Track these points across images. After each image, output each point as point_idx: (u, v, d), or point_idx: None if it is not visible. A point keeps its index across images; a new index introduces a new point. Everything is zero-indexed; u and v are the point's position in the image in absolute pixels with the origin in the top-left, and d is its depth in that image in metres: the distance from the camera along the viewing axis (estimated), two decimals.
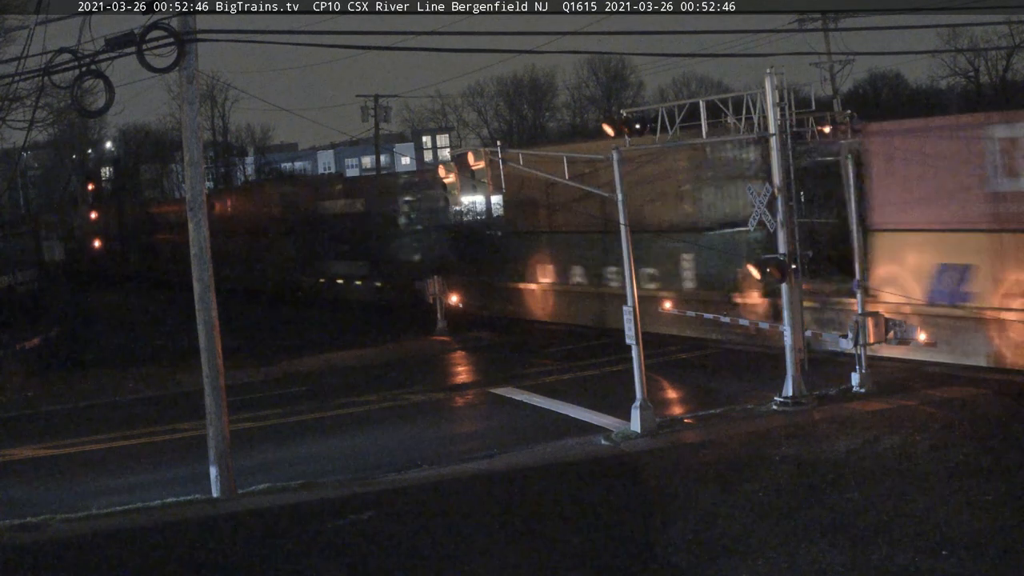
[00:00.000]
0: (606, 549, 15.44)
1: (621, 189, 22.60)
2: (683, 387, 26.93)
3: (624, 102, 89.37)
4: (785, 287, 23.18)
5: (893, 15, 61.42)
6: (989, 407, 21.79)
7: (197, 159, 19.49)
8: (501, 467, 20.39)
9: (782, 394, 23.06)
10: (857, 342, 23.76)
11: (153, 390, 31.83)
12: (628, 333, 22.17)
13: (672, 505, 17.11)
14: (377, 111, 69.21)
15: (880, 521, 15.42)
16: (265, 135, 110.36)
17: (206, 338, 19.33)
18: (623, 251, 22.40)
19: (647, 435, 21.65)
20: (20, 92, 30.20)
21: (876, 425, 20.76)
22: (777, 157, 23.12)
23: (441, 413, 26.63)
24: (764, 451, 19.66)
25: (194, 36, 18.67)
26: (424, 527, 17.11)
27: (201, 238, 19.27)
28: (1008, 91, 69.10)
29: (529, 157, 28.27)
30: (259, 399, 28.84)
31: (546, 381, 28.60)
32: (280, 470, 21.11)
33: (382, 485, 19.67)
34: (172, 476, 21.36)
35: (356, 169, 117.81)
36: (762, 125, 23.50)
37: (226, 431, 19.45)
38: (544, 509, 17.59)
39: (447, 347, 36.26)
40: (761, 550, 14.74)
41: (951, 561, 13.86)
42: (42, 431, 26.96)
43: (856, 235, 24.75)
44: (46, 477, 22.49)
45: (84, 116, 60.21)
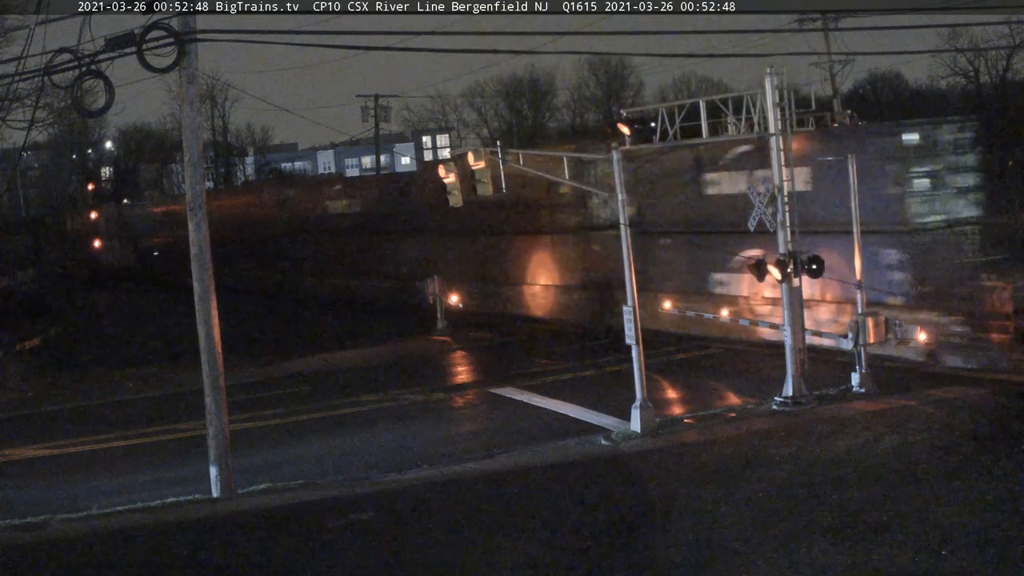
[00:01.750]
0: (606, 549, 15.43)
1: (622, 189, 22.61)
2: (683, 387, 26.94)
3: (624, 102, 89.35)
4: (785, 287, 23.18)
5: (893, 15, 61.45)
6: (989, 407, 21.79)
7: (197, 159, 19.49)
8: (501, 467, 20.39)
9: (782, 394, 23.07)
10: (857, 342, 23.77)
11: (153, 390, 31.84)
12: (628, 333, 22.16)
13: (672, 505, 17.10)
14: (377, 111, 69.23)
15: (880, 521, 15.41)
16: (265, 135, 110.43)
17: (206, 338, 19.33)
18: (623, 251, 22.41)
19: (647, 435, 21.65)
20: (20, 92, 30.27)
21: (876, 425, 20.76)
22: (777, 157, 23.11)
23: (441, 413, 26.62)
24: (764, 451, 19.66)
25: (194, 36, 18.67)
26: (424, 527, 17.10)
27: (201, 238, 19.27)
28: (1008, 91, 69.04)
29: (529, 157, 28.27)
30: (259, 399, 28.84)
31: (546, 381, 28.60)
32: (280, 470, 21.11)
33: (382, 485, 19.67)
34: (172, 476, 21.36)
35: (356, 169, 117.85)
36: (762, 125, 23.50)
37: (226, 431, 19.45)
38: (544, 509, 17.58)
39: (447, 347, 36.27)
40: (761, 550, 14.74)
41: (951, 561, 13.86)
42: (42, 431, 26.96)
43: (856, 236, 24.69)
44: (46, 477, 22.48)
45: (84, 116, 60.23)
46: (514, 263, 41.67)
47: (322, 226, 55.18)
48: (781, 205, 22.99)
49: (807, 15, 47.38)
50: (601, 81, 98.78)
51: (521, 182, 30.23)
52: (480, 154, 25.35)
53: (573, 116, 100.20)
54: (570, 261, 38.82)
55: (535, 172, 26.81)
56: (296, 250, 57.69)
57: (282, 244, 58.73)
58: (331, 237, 54.46)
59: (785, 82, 23.30)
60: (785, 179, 23.06)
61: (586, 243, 37.49)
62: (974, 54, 71.46)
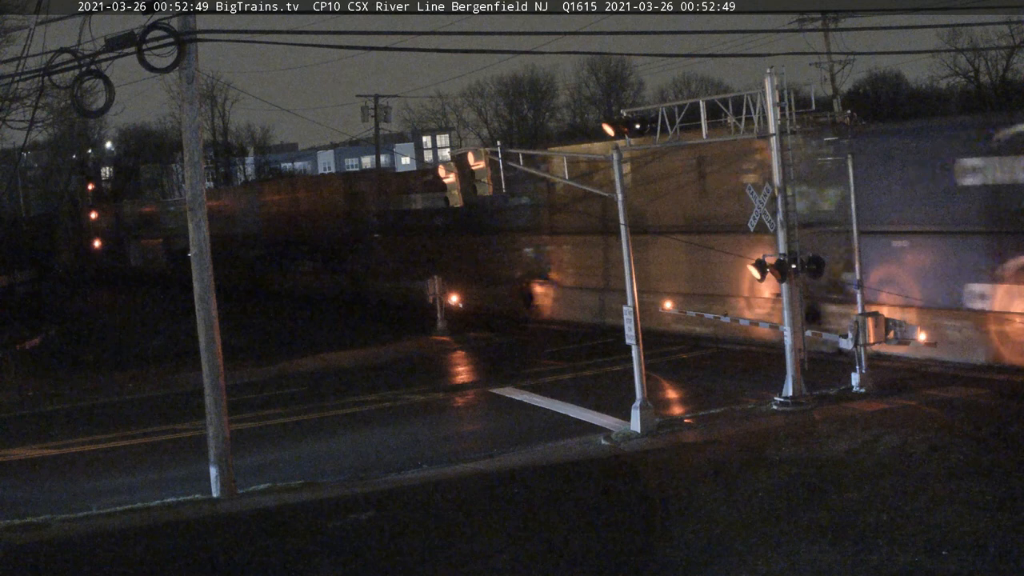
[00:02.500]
0: (606, 549, 15.43)
1: (621, 189, 22.60)
2: (684, 387, 26.94)
3: (624, 102, 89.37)
4: (785, 287, 23.18)
5: (893, 15, 61.57)
6: (989, 407, 21.79)
7: (197, 159, 19.49)
8: (501, 467, 20.38)
9: (782, 394, 23.06)
10: (857, 342, 23.77)
11: (153, 390, 31.84)
12: (628, 333, 22.16)
13: (672, 505, 17.11)
14: (377, 111, 69.22)
15: (880, 521, 15.41)
16: (265, 135, 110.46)
17: (206, 338, 19.33)
18: (623, 251, 22.40)
19: (647, 435, 21.65)
20: (20, 92, 30.23)
21: (876, 425, 20.76)
22: (777, 157, 23.11)
23: (441, 413, 26.62)
24: (764, 451, 19.66)
25: (194, 36, 18.67)
26: (424, 527, 17.09)
27: (201, 238, 19.28)
28: (1008, 91, 69.07)
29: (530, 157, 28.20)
30: (259, 399, 28.84)
31: (546, 381, 28.60)
32: (280, 470, 21.11)
33: (382, 485, 19.67)
34: (172, 476, 21.36)
35: (356, 169, 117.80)
36: (762, 125, 23.48)
37: (226, 431, 19.45)
38: (544, 509, 17.58)
39: (447, 347, 36.26)
40: (761, 550, 14.74)
41: (951, 561, 13.85)
42: (42, 431, 26.95)
43: (855, 236, 24.68)
44: (46, 477, 22.49)
45: (84, 116, 60.21)
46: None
47: (400, 224, 49.55)
48: (781, 205, 23.00)
49: (807, 15, 47.44)
50: (601, 81, 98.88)
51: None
52: (480, 154, 25.33)
53: (573, 116, 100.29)
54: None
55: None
56: (367, 250, 51.91)
57: (349, 244, 52.89)
58: (415, 236, 48.35)
59: (785, 82, 23.31)
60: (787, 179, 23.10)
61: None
62: (974, 54, 71.56)
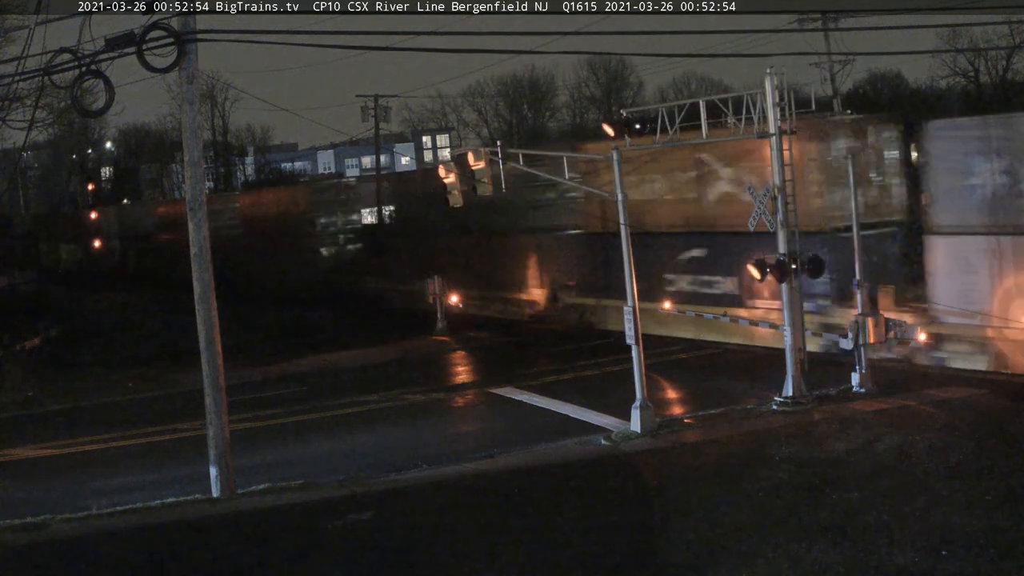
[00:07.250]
0: (606, 549, 15.43)
1: (621, 189, 22.60)
2: (684, 387, 26.93)
3: (624, 102, 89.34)
4: (785, 287, 23.17)
5: (893, 15, 61.44)
6: (989, 407, 21.79)
7: (197, 159, 19.49)
8: (501, 467, 20.38)
9: (782, 394, 23.05)
10: (857, 342, 23.76)
11: (153, 390, 31.84)
12: (628, 333, 22.16)
13: (672, 505, 17.11)
14: (377, 111, 69.12)
15: (880, 521, 15.41)
16: (265, 135, 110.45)
17: (206, 338, 19.33)
18: (623, 251, 22.40)
19: (647, 435, 21.64)
20: (20, 92, 30.26)
21: (876, 425, 20.76)
22: (777, 157, 23.10)
23: (441, 413, 26.61)
24: (764, 451, 19.66)
25: (194, 36, 18.67)
26: (424, 527, 17.09)
27: (201, 238, 19.26)
28: (1008, 91, 69.04)
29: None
30: (259, 399, 28.82)
31: (546, 381, 28.60)
32: (280, 470, 21.09)
33: (382, 485, 19.66)
34: (172, 476, 21.35)
35: (356, 169, 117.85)
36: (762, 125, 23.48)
37: (226, 431, 19.44)
38: (544, 509, 17.57)
39: (447, 347, 36.27)
40: (761, 550, 14.73)
41: (951, 561, 13.85)
42: (42, 431, 26.94)
43: (856, 235, 24.69)
44: (46, 477, 22.48)
45: (84, 116, 60.11)
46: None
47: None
48: (781, 205, 23.00)
49: (807, 15, 47.46)
50: (601, 81, 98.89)
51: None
52: (480, 154, 25.33)
53: (573, 116, 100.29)
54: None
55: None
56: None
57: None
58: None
59: (785, 82, 23.32)
60: (788, 178, 23.08)
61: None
62: (974, 54, 71.54)
